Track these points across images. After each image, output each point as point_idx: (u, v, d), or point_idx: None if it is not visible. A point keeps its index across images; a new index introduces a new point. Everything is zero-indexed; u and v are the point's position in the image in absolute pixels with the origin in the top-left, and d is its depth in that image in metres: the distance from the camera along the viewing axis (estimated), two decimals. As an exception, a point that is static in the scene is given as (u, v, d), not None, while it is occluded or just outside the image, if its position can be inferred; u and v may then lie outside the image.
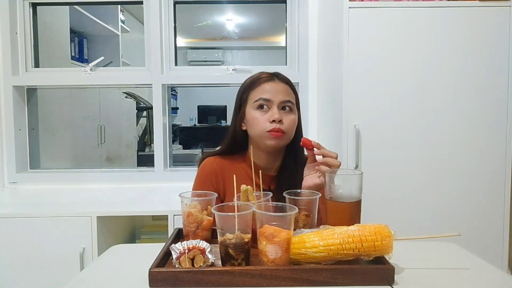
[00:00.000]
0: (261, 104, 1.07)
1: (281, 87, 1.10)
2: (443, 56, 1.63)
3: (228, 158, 1.16)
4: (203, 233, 0.95)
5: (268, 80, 1.10)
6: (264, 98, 1.07)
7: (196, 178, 1.17)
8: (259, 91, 1.09)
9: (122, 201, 1.90)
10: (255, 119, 1.07)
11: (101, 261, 0.96)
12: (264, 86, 1.09)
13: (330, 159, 0.99)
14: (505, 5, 1.61)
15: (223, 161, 1.16)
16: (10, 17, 2.13)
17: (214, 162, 1.16)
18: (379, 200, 1.64)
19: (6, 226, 1.62)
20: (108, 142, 3.19)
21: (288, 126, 1.07)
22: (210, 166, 1.15)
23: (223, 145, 1.18)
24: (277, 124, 1.05)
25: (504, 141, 1.64)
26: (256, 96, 1.09)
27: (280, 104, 1.08)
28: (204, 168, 1.16)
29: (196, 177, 1.18)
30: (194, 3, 2.95)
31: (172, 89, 5.63)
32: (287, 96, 1.09)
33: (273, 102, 1.07)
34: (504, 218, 1.66)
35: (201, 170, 1.17)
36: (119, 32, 3.41)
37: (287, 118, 1.08)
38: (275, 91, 1.08)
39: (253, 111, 1.09)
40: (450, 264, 0.89)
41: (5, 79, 2.14)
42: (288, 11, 2.25)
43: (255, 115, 1.08)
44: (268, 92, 1.08)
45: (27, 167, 2.27)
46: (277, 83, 1.10)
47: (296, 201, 0.93)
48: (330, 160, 0.99)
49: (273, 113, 1.05)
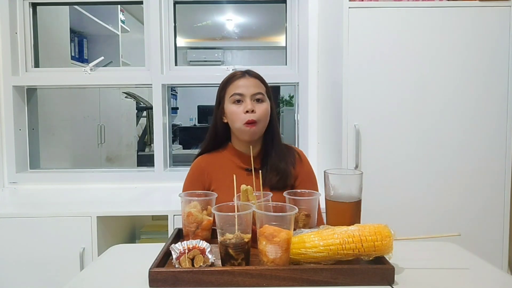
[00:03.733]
0: (236, 99, 1.22)
1: (252, 82, 1.24)
2: (443, 56, 1.63)
3: (214, 153, 1.31)
4: (203, 233, 0.95)
5: (241, 77, 1.25)
6: (238, 93, 1.22)
7: (186, 177, 1.30)
8: (234, 87, 1.24)
9: (122, 201, 1.90)
10: (233, 113, 1.22)
11: (101, 261, 0.96)
12: (238, 83, 1.24)
13: None
14: (505, 5, 1.61)
15: (209, 157, 1.30)
16: (10, 17, 2.13)
17: (202, 161, 1.30)
18: (379, 200, 1.64)
19: (6, 226, 1.61)
20: (108, 142, 3.19)
21: (260, 114, 1.21)
22: (198, 165, 1.29)
23: (206, 140, 1.32)
24: (250, 115, 1.19)
25: (504, 141, 1.64)
26: (231, 91, 1.23)
27: (252, 96, 1.22)
28: (192, 169, 1.30)
29: (186, 178, 1.30)
30: (194, 3, 2.94)
31: (172, 89, 5.63)
32: (258, 89, 1.23)
33: (246, 95, 1.21)
34: (504, 218, 1.66)
35: (190, 171, 1.30)
36: (119, 32, 3.40)
37: (259, 107, 1.21)
38: (247, 85, 1.23)
39: (230, 105, 1.23)
40: (450, 264, 0.89)
41: (5, 79, 2.14)
42: (288, 11, 2.25)
43: (232, 109, 1.22)
44: (241, 87, 1.22)
45: (27, 167, 2.27)
46: (248, 78, 1.25)
47: (296, 201, 0.93)
48: None
49: (246, 104, 1.20)
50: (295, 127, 2.32)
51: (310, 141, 2.20)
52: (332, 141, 1.83)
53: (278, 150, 1.26)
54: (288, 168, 1.24)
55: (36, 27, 2.27)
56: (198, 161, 1.30)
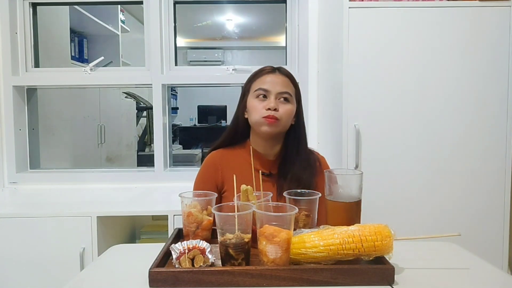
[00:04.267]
0: (260, 94, 1.15)
1: (281, 79, 1.16)
2: (443, 56, 1.63)
3: (230, 148, 1.24)
4: (203, 233, 0.95)
5: (270, 72, 1.18)
6: (263, 88, 1.14)
7: (198, 173, 1.24)
8: (260, 82, 1.17)
9: (122, 201, 1.90)
10: (254, 107, 1.15)
11: (101, 261, 0.96)
12: (265, 78, 1.17)
13: None
14: (505, 5, 1.61)
15: (224, 152, 1.23)
16: (10, 17, 2.13)
17: (216, 155, 1.23)
18: (379, 200, 1.64)
19: (6, 226, 1.61)
20: (108, 142, 3.19)
21: (283, 114, 1.13)
22: (212, 159, 1.22)
23: (225, 133, 1.25)
24: (272, 112, 1.12)
25: (504, 141, 1.64)
26: (256, 86, 1.16)
27: (278, 95, 1.14)
28: (205, 162, 1.23)
29: (197, 174, 1.24)
30: (194, 3, 2.95)
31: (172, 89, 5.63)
32: (285, 88, 1.16)
33: (271, 92, 1.14)
34: (504, 218, 1.66)
35: (203, 165, 1.24)
36: (119, 32, 3.40)
37: (283, 107, 1.14)
38: (274, 82, 1.15)
39: (253, 99, 1.16)
40: (450, 264, 0.89)
41: (5, 79, 2.14)
42: (288, 11, 2.25)
43: (254, 103, 1.15)
44: (267, 83, 1.15)
45: (27, 167, 2.27)
46: (278, 75, 1.17)
47: (296, 201, 0.93)
48: None
49: (270, 102, 1.13)
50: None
51: (310, 141, 2.19)
52: (332, 141, 1.83)
53: (304, 159, 1.18)
54: (311, 180, 1.15)
55: (36, 27, 2.27)
56: (213, 156, 1.22)
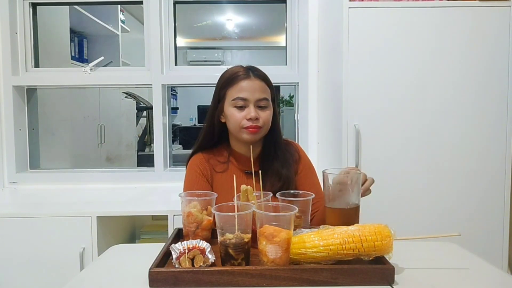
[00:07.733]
0: (239, 104, 1.13)
1: (258, 85, 1.14)
2: (443, 56, 1.63)
3: (210, 151, 1.22)
4: (203, 233, 0.95)
5: (245, 78, 1.14)
6: (241, 98, 1.12)
7: (186, 177, 1.20)
8: (237, 89, 1.13)
9: (122, 201, 1.90)
10: (233, 116, 1.13)
11: (101, 261, 0.96)
12: (241, 84, 1.13)
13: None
14: (505, 5, 1.61)
15: (207, 154, 1.21)
16: (10, 17, 2.13)
17: (201, 157, 1.21)
18: (379, 200, 1.63)
19: (6, 226, 1.61)
20: (108, 142, 3.19)
21: (264, 121, 1.14)
22: (198, 161, 1.20)
23: (201, 138, 1.23)
24: (253, 122, 1.11)
25: (504, 141, 1.64)
26: (233, 94, 1.14)
27: (256, 103, 1.13)
28: (192, 166, 1.20)
29: (186, 176, 1.21)
30: (194, 3, 2.94)
31: (172, 89, 5.63)
32: (263, 94, 1.14)
33: (250, 100, 1.12)
34: (504, 218, 1.66)
35: (189, 167, 1.21)
36: (119, 32, 3.40)
37: (263, 114, 1.14)
38: (252, 89, 1.13)
39: (231, 108, 1.14)
40: (450, 264, 0.89)
41: (5, 79, 2.14)
42: (288, 11, 2.25)
43: (233, 112, 1.13)
44: (244, 91, 1.13)
45: (27, 167, 2.27)
46: (253, 80, 1.14)
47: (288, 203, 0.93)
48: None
49: (250, 112, 1.12)
50: (295, 127, 2.32)
51: (310, 141, 2.20)
52: (332, 141, 1.83)
53: (281, 154, 1.21)
54: (290, 173, 1.18)
55: (36, 27, 2.27)
56: (198, 157, 1.21)
